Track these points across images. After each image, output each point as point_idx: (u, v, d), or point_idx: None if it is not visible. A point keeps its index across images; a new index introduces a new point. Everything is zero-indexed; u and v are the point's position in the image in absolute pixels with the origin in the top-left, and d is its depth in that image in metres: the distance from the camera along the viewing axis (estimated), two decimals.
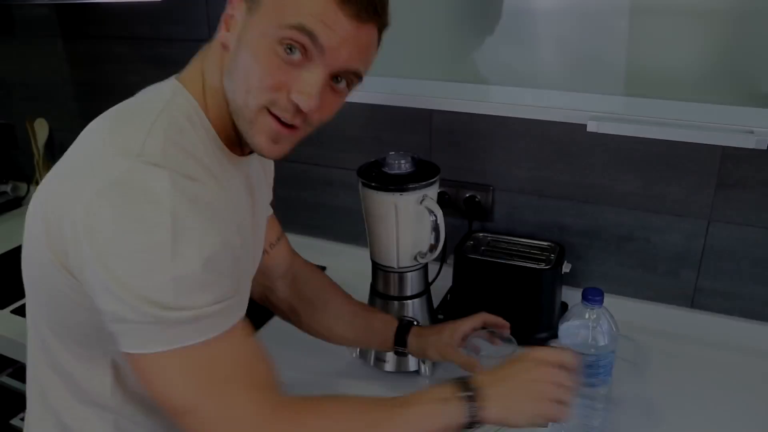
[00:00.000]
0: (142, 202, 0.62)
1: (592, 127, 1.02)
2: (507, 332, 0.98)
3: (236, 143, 0.76)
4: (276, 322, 1.26)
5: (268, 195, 0.97)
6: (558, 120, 1.12)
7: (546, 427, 0.76)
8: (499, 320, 1.00)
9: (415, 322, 1.04)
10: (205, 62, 0.74)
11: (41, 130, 1.79)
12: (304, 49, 0.67)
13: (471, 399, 0.70)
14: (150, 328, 0.62)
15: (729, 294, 1.18)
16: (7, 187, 1.87)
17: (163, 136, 0.66)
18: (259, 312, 1.28)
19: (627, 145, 1.16)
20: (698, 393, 1.05)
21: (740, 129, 0.96)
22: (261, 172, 0.89)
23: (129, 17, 1.55)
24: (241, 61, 0.68)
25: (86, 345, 0.74)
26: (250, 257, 0.85)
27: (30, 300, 0.78)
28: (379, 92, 1.18)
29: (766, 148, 0.93)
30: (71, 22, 1.67)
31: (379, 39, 0.74)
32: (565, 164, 1.22)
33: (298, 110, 0.69)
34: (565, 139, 1.20)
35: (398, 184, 1.00)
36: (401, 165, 1.02)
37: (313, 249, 1.53)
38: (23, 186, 1.88)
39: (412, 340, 1.00)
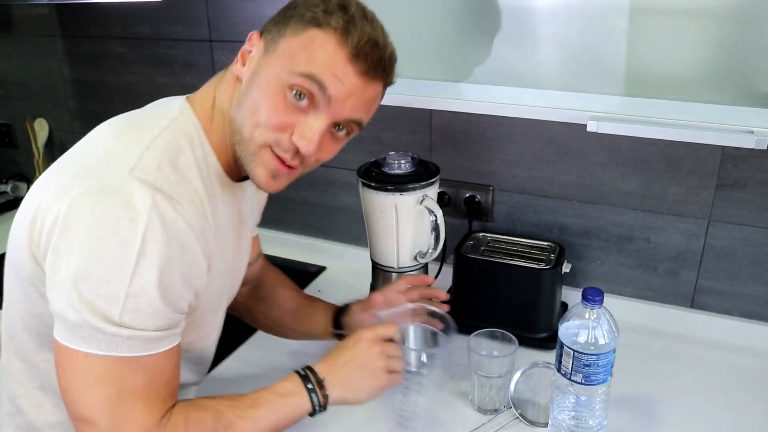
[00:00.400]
0: (120, 216, 0.64)
1: (592, 127, 1.02)
2: (438, 301, 1.00)
3: (234, 169, 0.79)
4: None
5: (256, 219, 0.99)
6: (558, 120, 1.12)
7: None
8: (421, 277, 1.02)
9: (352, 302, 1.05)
10: (218, 88, 0.78)
11: (41, 130, 1.79)
12: (312, 97, 0.72)
13: (315, 390, 0.79)
14: (86, 331, 0.65)
15: (729, 294, 1.18)
16: (7, 187, 1.87)
17: (161, 152, 0.69)
18: None
19: (627, 145, 1.16)
20: (698, 393, 1.05)
21: (740, 129, 0.96)
22: (254, 197, 0.93)
23: (129, 17, 1.55)
24: (252, 96, 0.73)
25: (48, 336, 0.75)
26: (228, 278, 0.87)
27: (6, 288, 0.80)
28: None
29: (766, 148, 0.93)
30: (71, 22, 1.67)
31: (383, 94, 0.79)
32: (565, 164, 1.22)
33: (297, 152, 0.74)
34: (565, 139, 1.20)
35: (398, 184, 1.00)
36: (401, 165, 1.02)
37: (313, 249, 1.53)
38: (23, 186, 1.88)
39: (345, 320, 1.02)
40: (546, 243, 1.23)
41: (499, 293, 1.18)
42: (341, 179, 1.46)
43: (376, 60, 0.73)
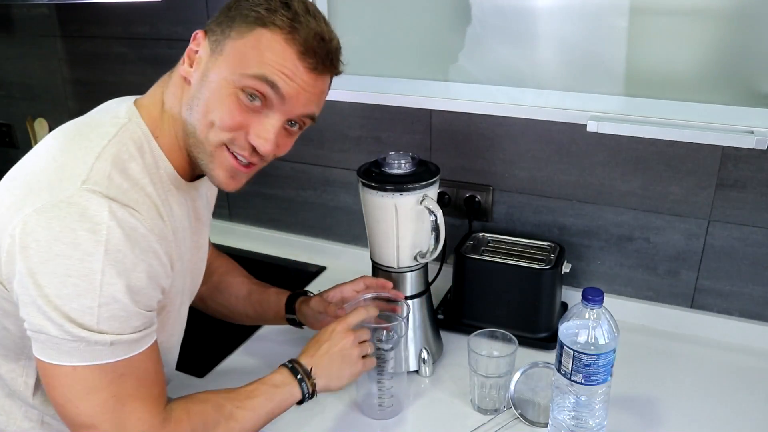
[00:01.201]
0: (78, 229, 0.65)
1: (592, 127, 1.02)
2: (397, 297, 1.03)
3: (188, 170, 0.80)
4: (271, 326, 1.26)
5: (210, 214, 0.99)
6: (558, 120, 1.12)
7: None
8: (380, 281, 1.04)
9: (310, 294, 1.08)
10: (166, 92, 0.78)
11: (41, 130, 1.79)
12: (265, 97, 0.74)
13: (304, 379, 0.86)
14: (67, 344, 0.67)
15: (729, 294, 1.18)
16: None
17: (110, 162, 0.69)
18: None
19: (627, 145, 1.16)
20: (698, 393, 1.05)
21: (740, 129, 0.96)
22: (208, 193, 0.93)
23: (129, 17, 1.55)
24: (203, 98, 0.74)
25: (12, 349, 0.77)
26: (188, 276, 0.88)
27: None
28: (379, 92, 1.18)
29: (766, 148, 0.93)
30: (71, 22, 1.67)
31: (330, 84, 0.81)
32: (565, 164, 1.22)
33: (254, 150, 0.76)
34: (565, 139, 1.20)
35: (398, 184, 1.00)
36: (401, 165, 1.02)
37: (313, 249, 1.53)
38: None
39: (299, 306, 1.06)
40: (546, 243, 1.23)
41: (499, 293, 1.18)
42: (341, 179, 1.46)
43: (323, 54, 0.75)
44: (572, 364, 0.87)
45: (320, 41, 0.74)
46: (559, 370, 0.90)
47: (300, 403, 0.87)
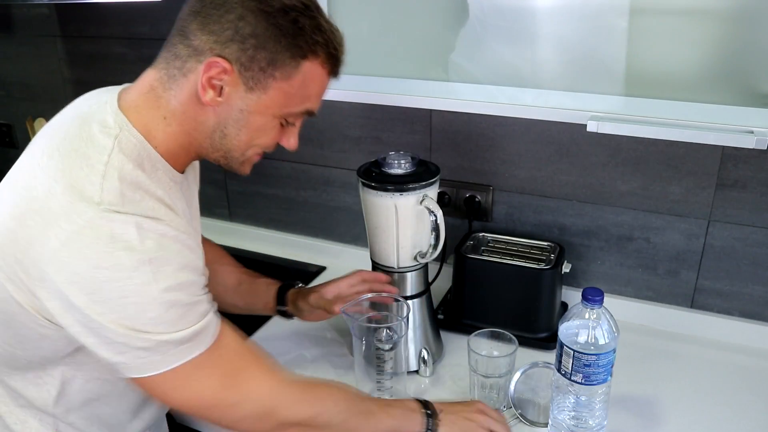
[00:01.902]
0: (114, 250, 0.65)
1: (592, 127, 1.02)
2: (391, 292, 1.04)
3: (181, 165, 0.81)
4: (273, 324, 1.26)
5: (196, 199, 0.98)
6: (558, 120, 1.12)
7: None
8: (377, 275, 1.05)
9: (299, 285, 1.09)
10: (171, 102, 0.75)
11: (41, 130, 1.79)
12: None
13: (430, 416, 0.87)
14: (157, 354, 0.69)
15: (729, 294, 1.18)
16: None
17: (117, 178, 0.69)
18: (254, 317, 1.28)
19: (627, 145, 1.16)
20: (698, 393, 1.05)
21: (740, 129, 0.96)
22: (194, 178, 0.94)
23: (129, 17, 1.54)
24: (244, 129, 0.76)
25: (39, 368, 0.78)
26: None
27: None
28: (379, 92, 1.18)
29: (766, 148, 0.93)
30: (71, 22, 1.67)
31: None
32: (565, 164, 1.22)
33: None
34: (565, 139, 1.20)
35: (398, 184, 1.00)
36: (401, 165, 1.02)
37: (313, 249, 1.53)
38: None
39: (291, 296, 1.07)
40: (546, 243, 1.23)
41: (499, 293, 1.18)
42: (341, 179, 1.46)
43: (342, 59, 0.79)
44: (572, 364, 0.87)
45: (341, 48, 0.78)
46: (559, 370, 0.90)
47: None
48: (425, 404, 0.89)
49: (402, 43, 1.15)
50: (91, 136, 0.72)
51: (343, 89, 1.19)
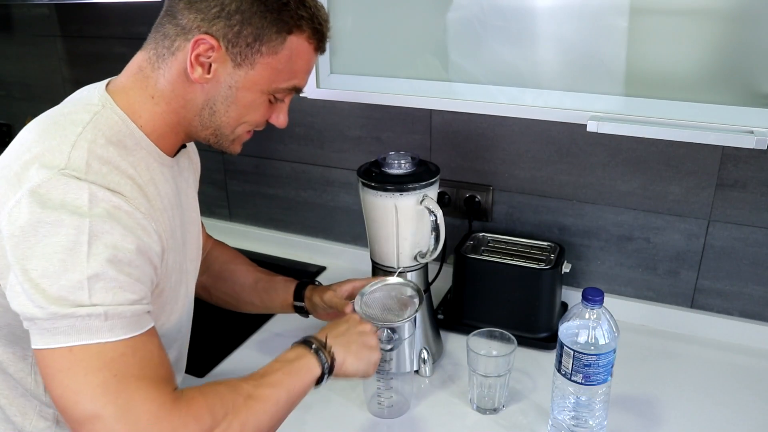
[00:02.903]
0: (59, 210, 0.65)
1: (592, 127, 1.02)
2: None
3: (171, 148, 0.81)
4: (273, 325, 1.26)
5: (196, 188, 0.98)
6: (558, 120, 1.12)
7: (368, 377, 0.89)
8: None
9: (317, 283, 1.08)
10: (159, 81, 0.77)
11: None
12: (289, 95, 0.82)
13: (320, 349, 0.81)
14: (61, 323, 0.64)
15: (729, 294, 1.18)
16: None
17: (87, 148, 0.69)
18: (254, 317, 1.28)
19: (627, 145, 1.16)
20: (698, 393, 1.05)
21: (740, 129, 0.96)
22: (189, 167, 0.93)
23: (129, 17, 1.54)
24: (233, 105, 0.77)
25: (19, 345, 0.77)
26: (180, 254, 0.85)
27: None
28: (379, 92, 1.18)
29: (766, 148, 0.93)
30: (71, 22, 1.67)
31: None
32: (565, 164, 1.22)
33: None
34: (565, 139, 1.20)
35: (398, 184, 1.00)
36: (401, 165, 1.02)
37: (313, 249, 1.53)
38: None
39: (308, 293, 1.06)
40: (546, 243, 1.23)
41: (499, 293, 1.18)
42: (341, 179, 1.46)
43: (327, 35, 0.81)
44: (572, 364, 0.87)
45: (326, 24, 0.79)
46: (559, 370, 0.90)
47: (318, 382, 0.80)
48: (307, 343, 0.82)
49: (402, 43, 1.15)
50: (72, 111, 0.74)
51: (343, 89, 1.19)
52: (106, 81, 0.80)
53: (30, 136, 0.72)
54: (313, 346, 0.81)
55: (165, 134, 0.78)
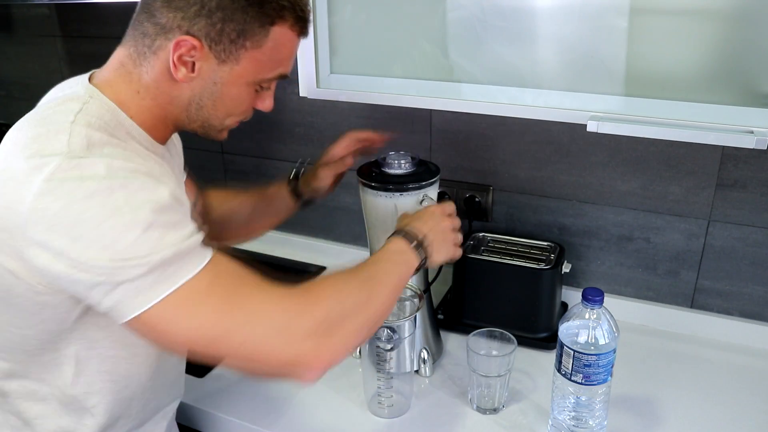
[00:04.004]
0: (83, 185, 0.64)
1: (592, 127, 1.02)
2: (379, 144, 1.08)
3: (161, 137, 0.81)
4: None
5: (183, 174, 0.98)
6: (558, 120, 1.12)
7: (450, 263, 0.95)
8: (368, 134, 1.07)
9: (303, 164, 1.12)
10: (137, 80, 0.76)
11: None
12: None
13: (419, 249, 0.85)
14: (143, 283, 0.64)
15: (729, 294, 1.18)
16: None
17: (84, 134, 0.68)
18: None
19: (627, 145, 1.16)
20: (698, 393, 1.05)
21: (740, 129, 0.96)
22: (176, 152, 0.94)
23: (129, 17, 1.54)
24: (220, 100, 0.77)
25: (52, 348, 0.75)
26: None
27: None
28: (379, 92, 1.18)
29: (766, 148, 0.93)
30: (71, 22, 1.67)
31: None
32: (565, 164, 1.22)
33: None
34: (565, 139, 1.20)
35: (398, 184, 1.00)
36: (401, 165, 1.02)
37: (313, 249, 1.53)
38: None
39: (302, 184, 1.10)
40: (546, 243, 1.23)
41: (499, 293, 1.18)
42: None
43: (309, 19, 0.80)
44: (572, 364, 0.87)
45: (307, 9, 0.79)
46: (559, 370, 0.90)
47: (416, 271, 0.86)
48: (407, 236, 0.86)
49: (402, 42, 1.15)
50: (59, 104, 0.73)
51: (343, 89, 1.19)
52: (88, 74, 0.79)
53: (20, 134, 0.71)
54: (413, 243, 0.85)
55: (155, 125, 0.78)
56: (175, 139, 0.96)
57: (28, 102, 0.80)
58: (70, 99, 0.73)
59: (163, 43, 0.73)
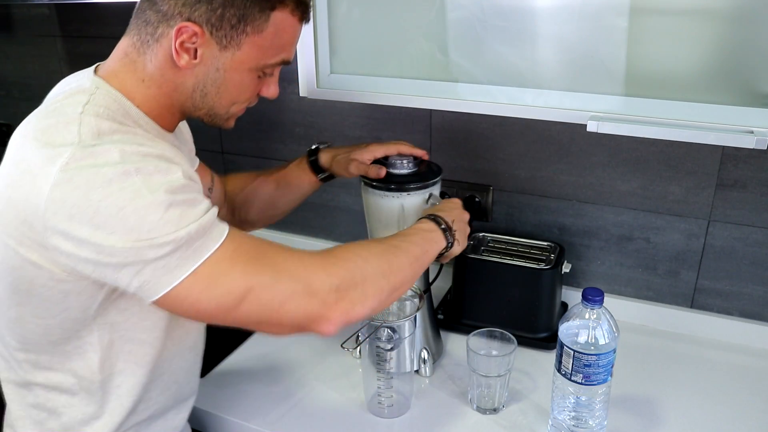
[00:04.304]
0: (101, 173, 0.65)
1: (592, 127, 1.02)
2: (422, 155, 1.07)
3: (169, 124, 0.81)
4: None
5: (194, 161, 1.00)
6: (558, 120, 1.12)
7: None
8: (416, 151, 1.05)
9: (322, 145, 1.11)
10: (142, 69, 0.77)
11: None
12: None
13: (447, 233, 0.89)
14: (171, 261, 0.66)
15: (729, 294, 1.18)
16: None
17: (93, 123, 0.69)
18: None
19: (627, 145, 1.16)
20: (698, 393, 1.05)
21: (740, 129, 0.96)
22: (185, 139, 0.95)
23: (129, 17, 1.54)
24: (223, 87, 0.78)
25: (75, 336, 0.76)
26: None
27: None
28: (379, 92, 1.18)
29: (766, 148, 0.93)
30: (71, 22, 1.67)
31: None
32: (565, 164, 1.22)
33: None
34: (565, 139, 1.20)
35: (404, 184, 1.00)
36: (404, 165, 1.03)
37: (313, 249, 1.53)
38: None
39: (323, 160, 1.09)
40: (546, 243, 1.23)
41: (499, 293, 1.18)
42: (341, 179, 1.45)
43: (309, 6, 0.81)
44: (572, 364, 0.87)
45: None
46: (559, 370, 0.90)
47: (439, 256, 0.90)
48: (437, 220, 0.90)
49: (402, 42, 1.15)
50: (66, 97, 0.74)
51: (343, 89, 1.19)
52: (93, 67, 0.81)
53: (30, 126, 0.72)
54: (442, 225, 0.89)
55: (161, 113, 0.79)
56: (183, 128, 0.97)
57: (28, 102, 0.80)
58: (76, 91, 0.74)
59: (165, 30, 0.75)
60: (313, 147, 1.11)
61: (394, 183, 1.00)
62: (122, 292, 0.71)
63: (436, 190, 1.02)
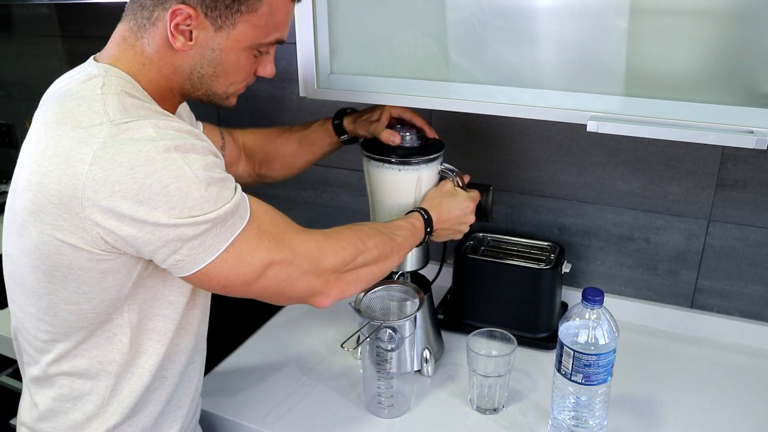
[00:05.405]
0: (140, 149, 0.67)
1: (592, 127, 1.02)
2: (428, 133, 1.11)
3: (170, 107, 0.82)
4: (279, 317, 1.26)
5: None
6: (558, 120, 1.12)
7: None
8: (426, 126, 1.11)
9: (348, 110, 1.15)
10: (141, 52, 0.78)
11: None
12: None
13: (430, 232, 0.98)
14: (210, 236, 0.70)
15: (729, 294, 1.18)
16: (7, 187, 1.87)
17: (117, 101, 0.71)
18: (262, 309, 1.28)
19: (627, 145, 1.16)
20: (698, 393, 1.05)
21: (740, 129, 0.96)
22: (187, 120, 0.97)
23: None
24: (220, 67, 0.79)
25: (106, 320, 0.77)
26: None
27: (24, 302, 0.79)
28: (379, 92, 1.18)
29: (766, 148, 0.93)
30: (71, 22, 1.67)
31: None
32: (565, 164, 1.22)
33: None
34: (565, 139, 1.20)
35: (421, 156, 1.03)
36: (406, 139, 1.05)
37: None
38: None
39: (348, 125, 1.13)
40: (546, 243, 1.23)
41: (499, 293, 1.18)
42: (341, 179, 1.46)
43: None
44: (572, 364, 0.87)
45: None
46: (559, 370, 0.90)
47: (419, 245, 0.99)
48: (428, 222, 0.98)
49: (402, 42, 1.15)
50: (78, 84, 0.75)
51: (343, 89, 1.19)
52: (89, 59, 0.82)
53: (51, 115, 0.72)
54: (428, 229, 0.98)
55: (163, 96, 0.80)
56: (181, 109, 0.97)
57: (28, 102, 0.81)
58: (87, 78, 0.75)
59: (160, 13, 0.75)
60: (339, 111, 1.14)
61: (413, 155, 1.02)
62: (154, 267, 0.74)
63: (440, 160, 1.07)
